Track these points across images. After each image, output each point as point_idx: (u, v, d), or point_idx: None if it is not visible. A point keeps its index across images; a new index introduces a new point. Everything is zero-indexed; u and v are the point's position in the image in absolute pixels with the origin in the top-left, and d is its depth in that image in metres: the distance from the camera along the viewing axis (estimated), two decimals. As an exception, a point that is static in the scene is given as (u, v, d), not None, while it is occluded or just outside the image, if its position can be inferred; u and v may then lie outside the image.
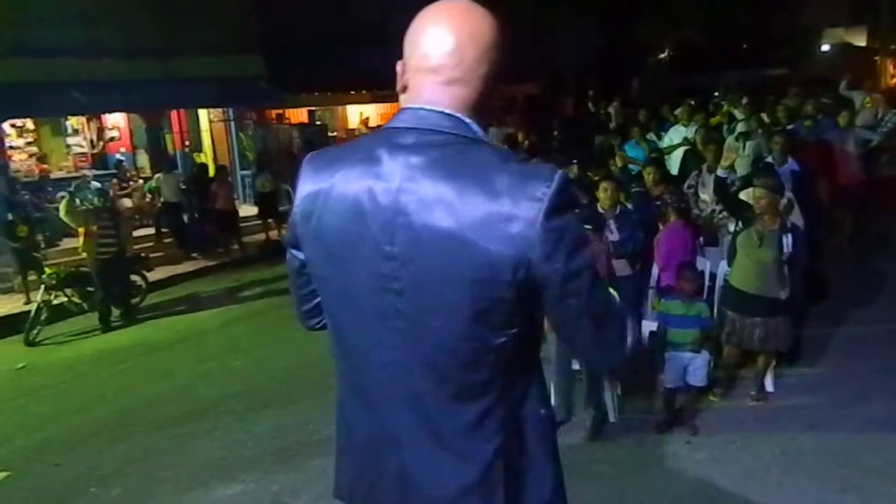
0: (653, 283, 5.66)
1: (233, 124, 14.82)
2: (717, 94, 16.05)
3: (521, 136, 13.14)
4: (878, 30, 25.95)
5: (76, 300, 8.63)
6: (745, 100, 11.08)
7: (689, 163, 8.21)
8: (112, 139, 14.77)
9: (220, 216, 11.94)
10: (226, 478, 4.50)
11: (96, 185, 11.14)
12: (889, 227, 9.24)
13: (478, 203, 1.26)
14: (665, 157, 8.86)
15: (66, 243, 10.35)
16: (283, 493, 4.23)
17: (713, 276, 5.53)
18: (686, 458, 4.29)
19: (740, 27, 24.25)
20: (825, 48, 25.60)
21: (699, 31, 23.86)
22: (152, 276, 9.65)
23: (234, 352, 7.12)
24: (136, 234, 10.64)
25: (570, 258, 1.29)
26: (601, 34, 19.06)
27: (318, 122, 17.60)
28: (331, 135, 16.46)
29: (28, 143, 13.51)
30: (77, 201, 9.02)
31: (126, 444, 5.18)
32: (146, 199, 12.58)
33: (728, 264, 5.06)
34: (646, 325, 5.50)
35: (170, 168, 12.63)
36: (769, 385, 5.05)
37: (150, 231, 11.90)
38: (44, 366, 7.32)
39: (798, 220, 5.19)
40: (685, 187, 6.83)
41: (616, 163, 8.73)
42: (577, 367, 4.73)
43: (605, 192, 5.40)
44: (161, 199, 11.97)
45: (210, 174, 12.93)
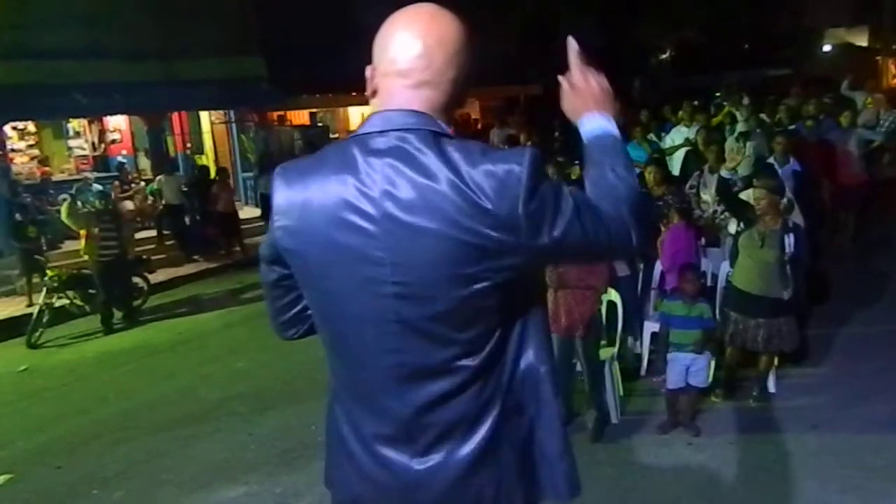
0: (655, 284, 5.66)
1: (234, 126, 14.83)
2: (718, 94, 16.04)
3: (522, 137, 13.11)
4: (880, 30, 25.90)
5: (78, 302, 8.65)
6: (746, 100, 11.07)
7: (690, 163, 8.22)
8: (113, 141, 14.81)
9: (221, 218, 11.95)
10: (228, 480, 4.50)
11: (98, 187, 11.14)
12: (891, 227, 9.22)
13: (459, 198, 1.28)
14: (667, 157, 8.86)
15: (67, 246, 10.38)
16: (287, 495, 4.23)
17: (715, 277, 5.53)
18: (688, 459, 4.29)
19: (741, 27, 24.22)
20: (827, 48, 25.57)
21: (700, 31, 23.83)
22: (154, 278, 9.66)
23: (236, 353, 7.12)
24: (138, 236, 10.67)
25: (557, 223, 1.31)
26: (602, 34, 19.03)
27: (319, 124, 17.59)
28: (332, 136, 16.38)
29: (29, 146, 13.56)
30: (79, 204, 9.03)
31: (128, 446, 5.19)
32: (148, 202, 12.59)
33: (730, 265, 5.06)
34: (648, 325, 5.51)
35: (171, 170, 12.65)
36: (771, 386, 5.05)
37: (152, 233, 11.91)
38: (46, 368, 7.33)
39: (798, 220, 5.19)
40: (687, 188, 6.84)
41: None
42: (578, 368, 4.73)
43: None
44: (162, 202, 11.99)
45: (211, 176, 12.95)
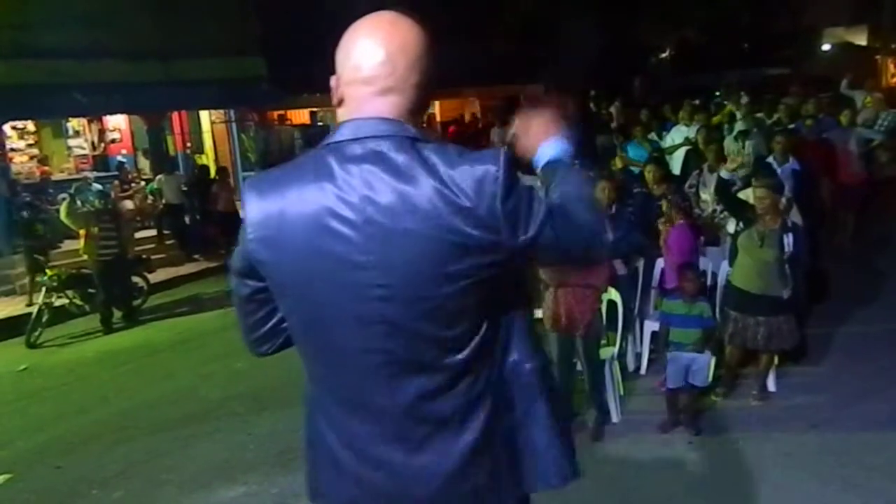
0: (655, 283, 5.65)
1: (234, 125, 14.82)
2: (718, 93, 16.04)
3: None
4: (879, 29, 25.92)
5: (78, 302, 8.64)
6: (744, 99, 11.06)
7: (691, 163, 8.20)
8: (113, 141, 14.81)
9: (221, 217, 11.94)
10: (228, 480, 4.49)
11: (97, 186, 11.14)
12: (890, 226, 9.22)
13: (438, 199, 1.30)
14: (667, 156, 8.85)
15: (67, 245, 10.36)
16: (286, 496, 4.22)
17: (714, 276, 5.53)
18: (688, 458, 4.28)
19: (741, 27, 24.26)
20: (826, 47, 25.58)
21: (700, 30, 23.88)
22: (154, 277, 9.64)
23: (236, 353, 7.07)
24: (138, 235, 10.66)
25: (532, 223, 1.36)
26: (603, 34, 19.04)
27: (319, 123, 17.58)
28: (332, 136, 16.41)
29: (29, 145, 13.56)
30: (78, 203, 9.01)
31: (128, 446, 5.18)
32: (147, 201, 12.57)
33: (729, 264, 5.06)
34: (648, 325, 5.50)
35: (171, 169, 12.65)
36: (771, 385, 5.05)
37: (152, 233, 11.90)
38: (45, 368, 7.32)
39: (797, 219, 5.19)
40: (686, 187, 6.84)
41: (617, 163, 8.72)
42: (578, 367, 4.72)
43: (603, 191, 5.42)
44: (162, 201, 11.99)
45: (211, 176, 12.93)
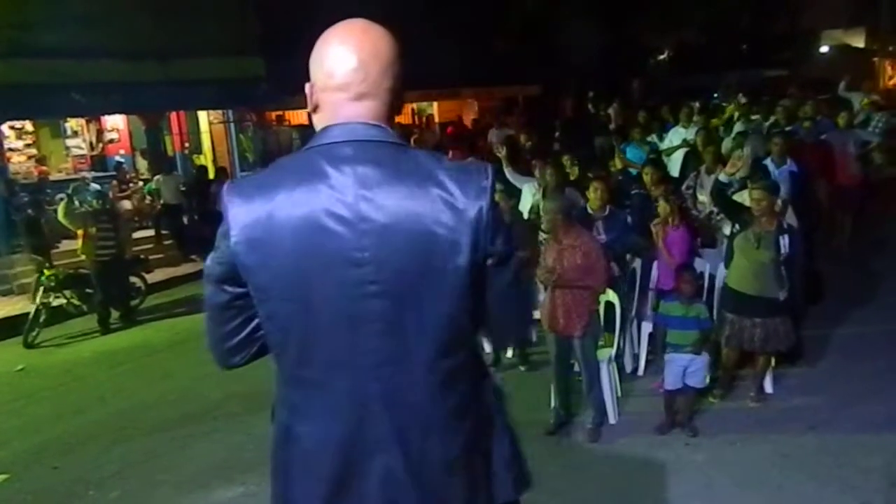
0: (652, 285, 5.65)
1: (232, 126, 14.80)
2: (716, 95, 16.08)
3: (522, 138, 13.10)
4: (877, 31, 25.98)
5: (75, 302, 8.62)
6: (743, 100, 11.08)
7: (690, 164, 8.19)
8: (111, 141, 14.77)
9: (220, 217, 11.91)
10: (226, 480, 4.49)
11: (95, 187, 11.13)
12: (887, 228, 9.25)
13: (432, 198, 1.37)
14: (665, 158, 8.86)
15: (64, 245, 10.34)
16: (283, 496, 4.22)
17: (712, 278, 5.53)
18: (686, 460, 4.29)
19: (740, 28, 24.29)
20: (824, 49, 25.63)
21: (699, 32, 23.89)
22: (152, 277, 9.63)
23: (233, 354, 7.10)
24: (136, 235, 10.64)
25: (506, 239, 1.48)
26: (601, 35, 19.05)
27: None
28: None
29: (27, 145, 13.53)
30: (76, 203, 8.99)
31: (125, 446, 5.18)
32: (146, 201, 12.57)
33: (725, 266, 5.06)
34: (645, 326, 5.51)
35: (169, 170, 12.62)
36: (768, 386, 5.05)
37: (150, 233, 11.88)
38: (43, 368, 7.31)
39: (792, 221, 5.20)
40: (683, 188, 6.84)
41: (616, 164, 8.72)
42: (576, 368, 4.73)
43: (595, 192, 5.43)
44: (160, 201, 11.97)
45: (210, 176, 12.92)
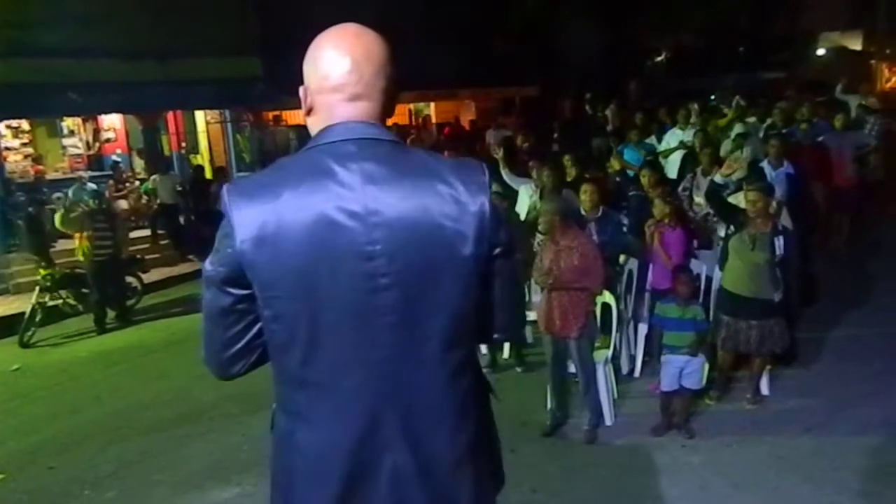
0: (648, 286, 5.65)
1: (229, 126, 14.79)
2: (713, 96, 16.10)
3: (519, 139, 13.10)
4: (874, 34, 26.06)
5: (71, 302, 8.60)
6: (742, 102, 11.09)
7: (688, 166, 8.19)
8: (108, 140, 14.75)
9: (220, 217, 11.89)
10: (222, 481, 4.48)
11: (92, 186, 11.11)
12: (882, 230, 9.27)
13: (437, 192, 1.41)
14: (662, 160, 8.86)
15: (61, 244, 10.30)
16: (279, 496, 4.21)
17: (709, 280, 5.53)
18: (682, 461, 4.29)
19: (738, 30, 24.32)
20: (821, 52, 25.69)
21: (697, 34, 23.93)
22: (148, 277, 9.59)
23: (229, 354, 7.09)
24: (132, 235, 10.61)
25: (507, 232, 1.52)
26: (599, 37, 19.06)
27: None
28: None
29: (23, 144, 13.52)
30: (72, 208, 8.79)
31: (121, 446, 5.16)
32: (142, 201, 12.55)
33: (720, 268, 5.06)
34: (642, 328, 5.51)
35: (166, 169, 12.60)
36: (765, 388, 5.06)
37: (146, 233, 11.85)
38: (38, 368, 7.29)
39: (787, 223, 5.21)
40: (680, 190, 6.85)
41: (613, 166, 8.72)
42: (572, 370, 4.73)
43: (586, 194, 5.43)
44: (157, 201, 11.95)
45: (207, 176, 12.90)
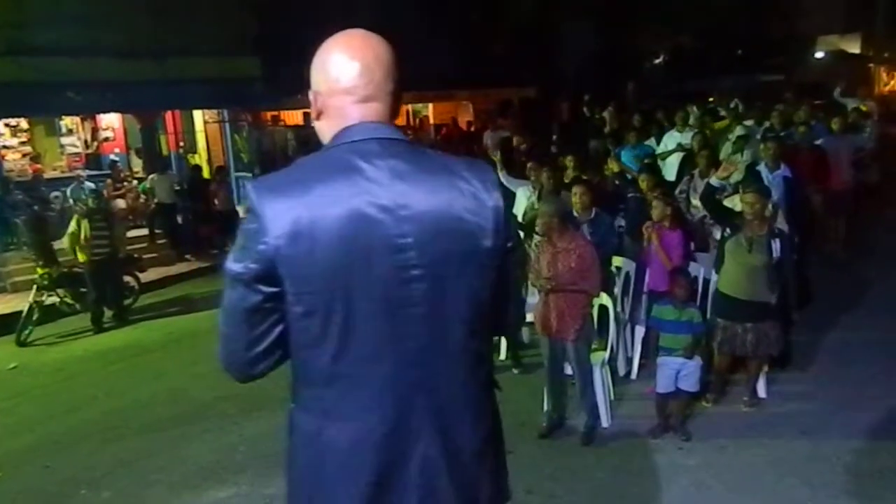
0: (645, 288, 5.66)
1: (227, 126, 14.78)
2: (711, 99, 16.09)
3: (515, 140, 13.10)
4: (873, 37, 26.11)
5: (68, 301, 8.60)
6: (740, 106, 11.09)
7: (686, 169, 8.20)
8: (106, 139, 14.75)
9: (219, 216, 11.93)
10: (218, 481, 4.48)
11: (90, 185, 11.10)
12: (879, 233, 9.29)
13: (457, 188, 1.48)
14: (660, 162, 8.87)
15: (57, 244, 10.28)
16: (277, 498, 4.20)
17: (706, 282, 5.53)
18: (679, 464, 4.29)
19: (736, 33, 24.35)
20: (820, 55, 25.74)
21: (695, 36, 23.96)
22: (145, 277, 9.60)
23: (227, 354, 7.08)
24: (130, 235, 10.62)
25: (512, 228, 1.62)
26: (598, 39, 19.09)
27: (313, 125, 17.52)
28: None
29: (22, 143, 13.51)
30: (82, 232, 8.46)
31: (117, 446, 5.16)
32: (140, 200, 12.55)
33: (715, 271, 5.05)
34: (639, 330, 5.51)
35: (163, 169, 12.60)
36: (762, 391, 5.06)
37: (144, 232, 11.84)
38: (35, 366, 7.28)
39: (783, 226, 5.21)
40: (677, 192, 6.85)
41: (611, 168, 8.73)
42: (569, 371, 4.73)
43: (577, 196, 5.44)
44: (155, 200, 11.95)
45: (205, 176, 12.90)
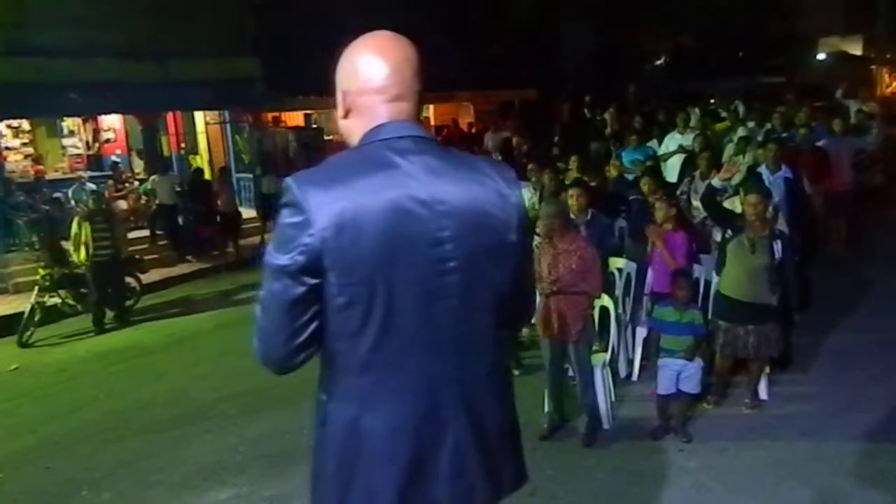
0: (647, 290, 5.65)
1: (229, 127, 14.80)
2: (713, 100, 16.11)
3: (515, 141, 13.12)
4: (874, 39, 26.07)
5: (70, 302, 8.61)
6: (741, 109, 11.10)
7: (687, 171, 8.20)
8: (108, 141, 14.79)
9: (222, 217, 11.94)
10: (218, 482, 4.48)
11: (91, 186, 11.11)
12: (879, 234, 9.28)
13: (484, 184, 1.56)
14: (662, 164, 8.87)
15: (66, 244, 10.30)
16: (276, 499, 4.22)
17: (708, 284, 5.53)
18: (680, 466, 4.28)
19: (737, 34, 24.35)
20: (821, 56, 25.71)
21: (696, 37, 23.96)
22: (146, 278, 9.61)
23: (228, 355, 7.07)
24: (131, 236, 10.65)
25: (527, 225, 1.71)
26: (598, 39, 19.10)
27: (314, 125, 17.54)
28: (327, 137, 16.32)
29: (24, 144, 13.56)
30: (82, 232, 8.42)
31: (118, 446, 5.16)
32: (141, 201, 12.57)
33: (716, 273, 5.04)
34: (640, 331, 5.51)
35: (165, 170, 12.61)
36: (763, 393, 5.05)
37: (145, 233, 11.87)
38: (36, 367, 7.29)
39: (783, 227, 5.21)
40: (678, 193, 6.84)
41: (611, 171, 8.73)
42: (570, 373, 4.73)
43: (573, 198, 5.43)
44: (156, 201, 11.96)
45: (206, 177, 12.91)
